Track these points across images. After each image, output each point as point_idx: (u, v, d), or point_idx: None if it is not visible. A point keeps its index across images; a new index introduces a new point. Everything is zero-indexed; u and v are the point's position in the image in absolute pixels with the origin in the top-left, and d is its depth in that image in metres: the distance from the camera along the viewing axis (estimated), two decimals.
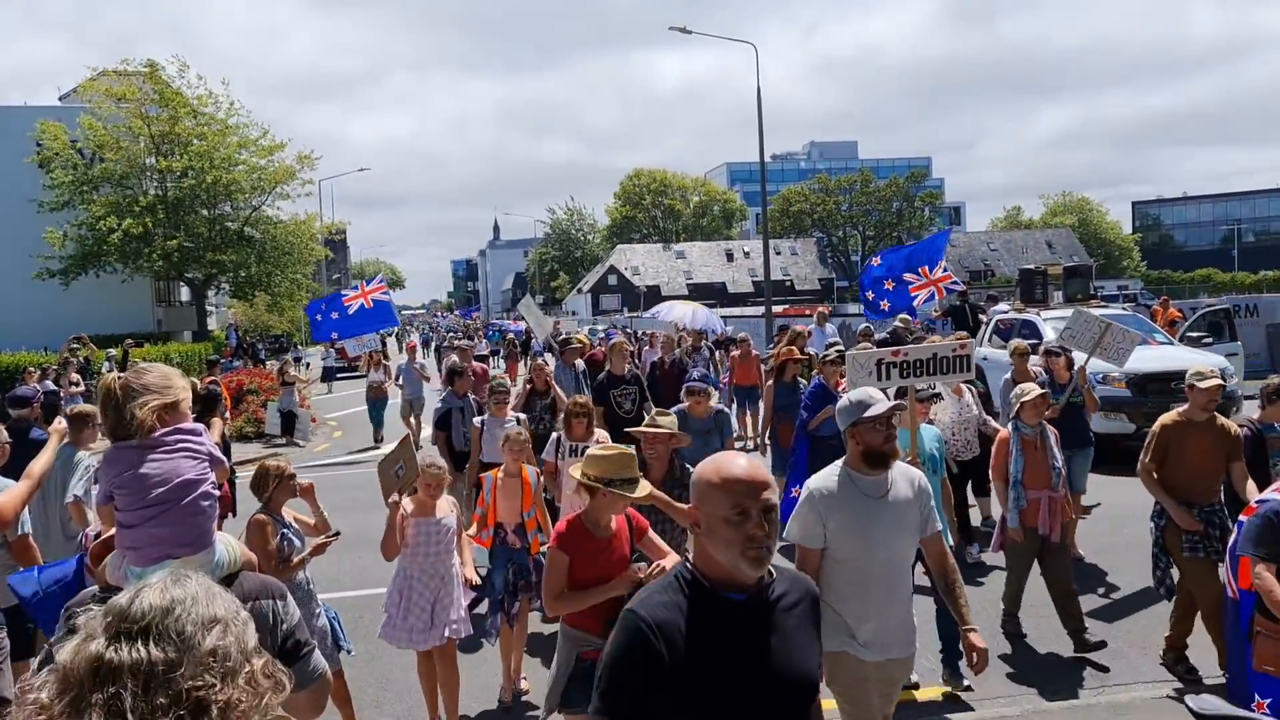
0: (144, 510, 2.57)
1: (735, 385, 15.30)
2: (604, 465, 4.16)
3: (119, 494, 2.63)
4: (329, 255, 48.33)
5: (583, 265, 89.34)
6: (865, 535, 3.71)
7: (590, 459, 4.22)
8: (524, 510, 6.09)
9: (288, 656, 2.56)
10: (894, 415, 3.82)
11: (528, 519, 6.09)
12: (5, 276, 33.31)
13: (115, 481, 2.66)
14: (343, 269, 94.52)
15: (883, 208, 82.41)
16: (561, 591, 4.15)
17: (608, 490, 4.14)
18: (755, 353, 15.35)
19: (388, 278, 21.76)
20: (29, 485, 4.57)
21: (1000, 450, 6.71)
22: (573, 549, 4.15)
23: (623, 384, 9.58)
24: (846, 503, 3.74)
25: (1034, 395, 6.63)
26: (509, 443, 6.11)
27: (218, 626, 1.42)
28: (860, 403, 3.86)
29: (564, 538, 4.17)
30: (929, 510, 3.90)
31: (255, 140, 34.51)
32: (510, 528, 6.08)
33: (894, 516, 3.77)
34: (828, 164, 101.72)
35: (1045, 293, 16.29)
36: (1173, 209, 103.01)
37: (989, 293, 18.64)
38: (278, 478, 5.07)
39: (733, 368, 15.58)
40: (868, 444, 3.77)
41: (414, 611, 5.35)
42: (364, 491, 12.58)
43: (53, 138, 31.64)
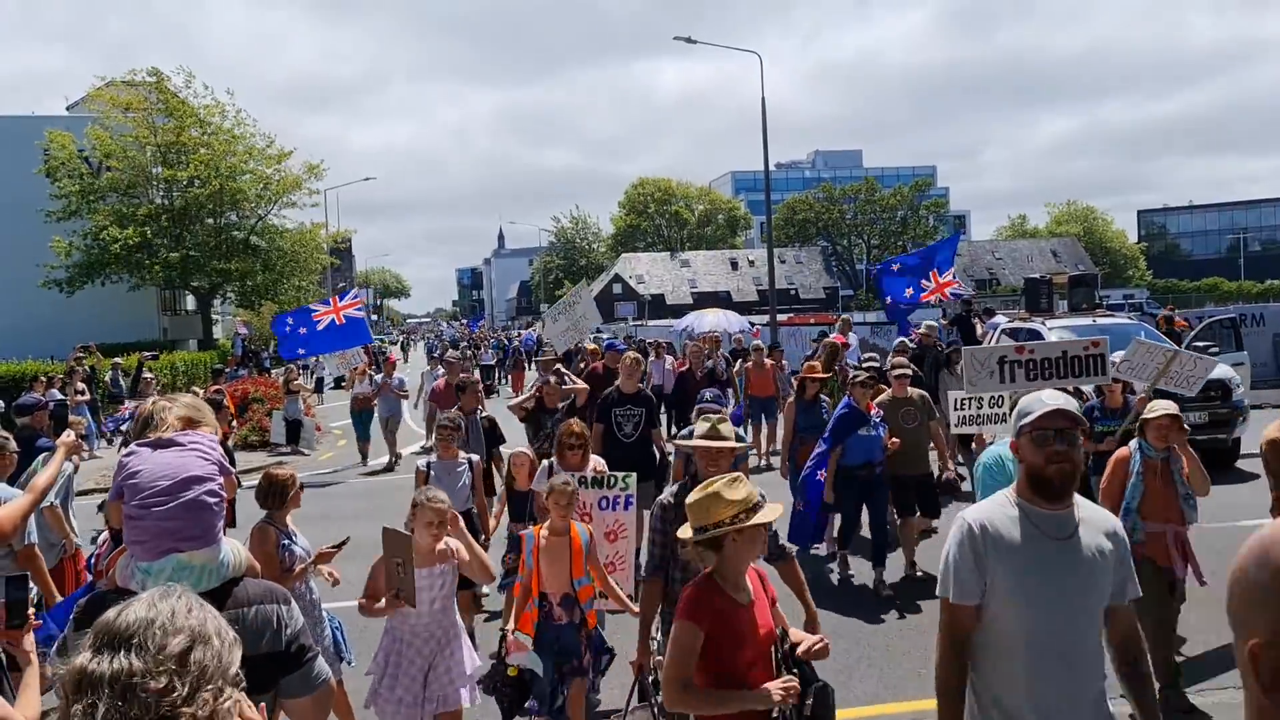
0: (151, 501, 2.59)
1: (751, 396, 14.75)
2: (716, 503, 3.23)
3: (128, 487, 2.65)
4: (335, 264, 48.44)
5: (587, 274, 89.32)
6: (1044, 590, 2.78)
7: (695, 506, 3.29)
8: (574, 577, 5.08)
9: (292, 661, 2.57)
10: (1071, 427, 2.82)
11: (579, 587, 5.09)
12: (13, 285, 33.45)
13: (125, 475, 2.68)
14: (348, 277, 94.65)
15: (887, 216, 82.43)
16: (689, 681, 3.15)
17: (737, 527, 3.18)
18: (770, 362, 14.91)
19: (393, 287, 21.54)
20: (31, 499, 4.59)
21: (1117, 471, 5.75)
22: (710, 620, 3.16)
23: (628, 404, 8.60)
24: (1019, 544, 2.81)
25: (1161, 414, 5.63)
26: (555, 495, 5.14)
27: (199, 641, 1.42)
28: (1022, 410, 2.96)
29: (696, 603, 3.20)
30: (1127, 568, 2.92)
31: (262, 150, 34.65)
32: (556, 599, 5.08)
33: (1085, 569, 2.82)
34: (832, 173, 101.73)
35: (1050, 302, 16.26)
36: (1178, 218, 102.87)
37: (985, 305, 18.62)
38: (282, 488, 5.08)
39: (747, 377, 15.01)
40: (1028, 464, 2.86)
41: (403, 681, 4.51)
42: (368, 500, 12.61)
43: (60, 147, 31.80)
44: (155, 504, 2.59)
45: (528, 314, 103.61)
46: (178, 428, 2.88)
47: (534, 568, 5.08)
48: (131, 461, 2.71)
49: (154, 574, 2.54)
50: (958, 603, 2.86)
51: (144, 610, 1.43)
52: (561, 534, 5.14)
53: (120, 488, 2.69)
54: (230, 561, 2.65)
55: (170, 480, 2.61)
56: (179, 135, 32.62)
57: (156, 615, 1.42)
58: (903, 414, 8.42)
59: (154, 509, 2.58)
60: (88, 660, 1.36)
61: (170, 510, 2.58)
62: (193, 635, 1.42)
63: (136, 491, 2.62)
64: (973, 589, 2.84)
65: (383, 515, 6.38)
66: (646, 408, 8.66)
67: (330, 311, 15.03)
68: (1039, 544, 2.82)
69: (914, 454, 8.39)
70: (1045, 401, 2.89)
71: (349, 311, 15.02)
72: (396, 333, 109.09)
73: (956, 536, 2.90)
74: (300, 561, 4.97)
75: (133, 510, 2.62)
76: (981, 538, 2.85)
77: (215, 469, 2.72)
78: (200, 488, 2.64)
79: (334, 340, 15.27)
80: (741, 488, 3.28)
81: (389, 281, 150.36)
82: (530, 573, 5.08)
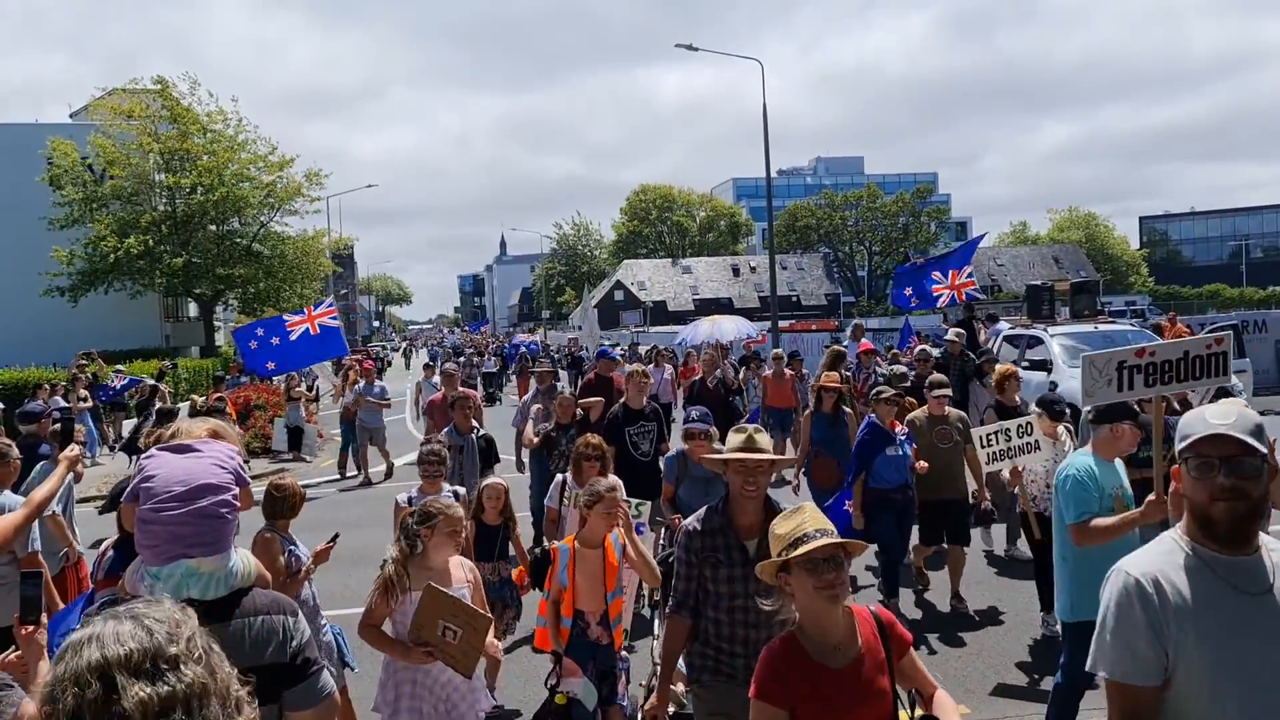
0: (163, 506, 2.59)
1: (768, 407, 14.12)
2: (770, 542, 2.81)
3: (143, 490, 2.65)
4: (337, 270, 48.50)
5: (589, 280, 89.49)
6: (1248, 663, 2.15)
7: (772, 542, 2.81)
8: (608, 591, 4.73)
9: (297, 673, 2.57)
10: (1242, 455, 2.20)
11: (611, 602, 4.73)
12: (16, 293, 33.51)
13: (142, 478, 2.69)
14: (350, 284, 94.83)
15: (889, 223, 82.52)
16: None
17: (785, 559, 2.71)
18: (790, 372, 14.27)
19: (395, 293, 21.30)
20: (27, 512, 4.58)
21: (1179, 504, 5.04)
22: (793, 696, 2.65)
23: (640, 420, 8.13)
24: (1206, 604, 2.20)
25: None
26: (601, 503, 4.71)
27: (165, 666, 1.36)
28: (1182, 430, 2.33)
29: (772, 675, 2.68)
30: None
31: (264, 156, 34.73)
32: (594, 617, 4.69)
33: None
34: (834, 179, 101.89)
35: (1052, 308, 16.26)
36: (1180, 224, 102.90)
37: (989, 311, 18.65)
38: (293, 499, 5.12)
39: (765, 387, 14.40)
40: (1191, 500, 2.29)
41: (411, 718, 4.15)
42: (368, 506, 12.60)
43: (63, 155, 31.88)
44: (167, 509, 2.59)
45: (529, 320, 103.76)
46: (200, 435, 2.88)
47: (570, 584, 4.66)
48: (150, 465, 2.72)
49: (163, 579, 2.55)
50: (1135, 684, 2.22)
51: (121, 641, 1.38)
52: (596, 546, 4.74)
53: (136, 490, 2.70)
54: (239, 571, 2.65)
55: (184, 487, 2.61)
56: (183, 142, 32.71)
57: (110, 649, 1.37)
58: (938, 433, 7.70)
59: (165, 514, 2.58)
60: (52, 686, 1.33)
61: (181, 516, 2.58)
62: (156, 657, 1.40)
63: (150, 495, 2.62)
64: (1153, 665, 2.21)
65: (380, 521, 6.37)
66: (658, 422, 8.24)
67: (304, 321, 14.14)
68: (1230, 602, 2.20)
69: (948, 477, 7.67)
70: (1209, 421, 2.26)
71: (324, 321, 14.11)
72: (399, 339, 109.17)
73: (1120, 595, 2.27)
74: (302, 565, 5.00)
75: (145, 514, 2.62)
76: (1157, 596, 2.22)
77: (231, 478, 2.72)
78: (214, 496, 2.64)
79: (308, 352, 14.36)
80: (793, 517, 2.82)
81: (391, 288, 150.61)
82: (561, 589, 4.67)
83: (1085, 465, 4.80)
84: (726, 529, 3.78)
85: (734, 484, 3.78)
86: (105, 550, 4.94)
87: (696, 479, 6.27)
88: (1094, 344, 13.71)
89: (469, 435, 7.96)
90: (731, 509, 3.82)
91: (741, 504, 3.78)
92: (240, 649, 2.50)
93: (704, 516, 3.87)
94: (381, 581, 4.16)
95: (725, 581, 3.74)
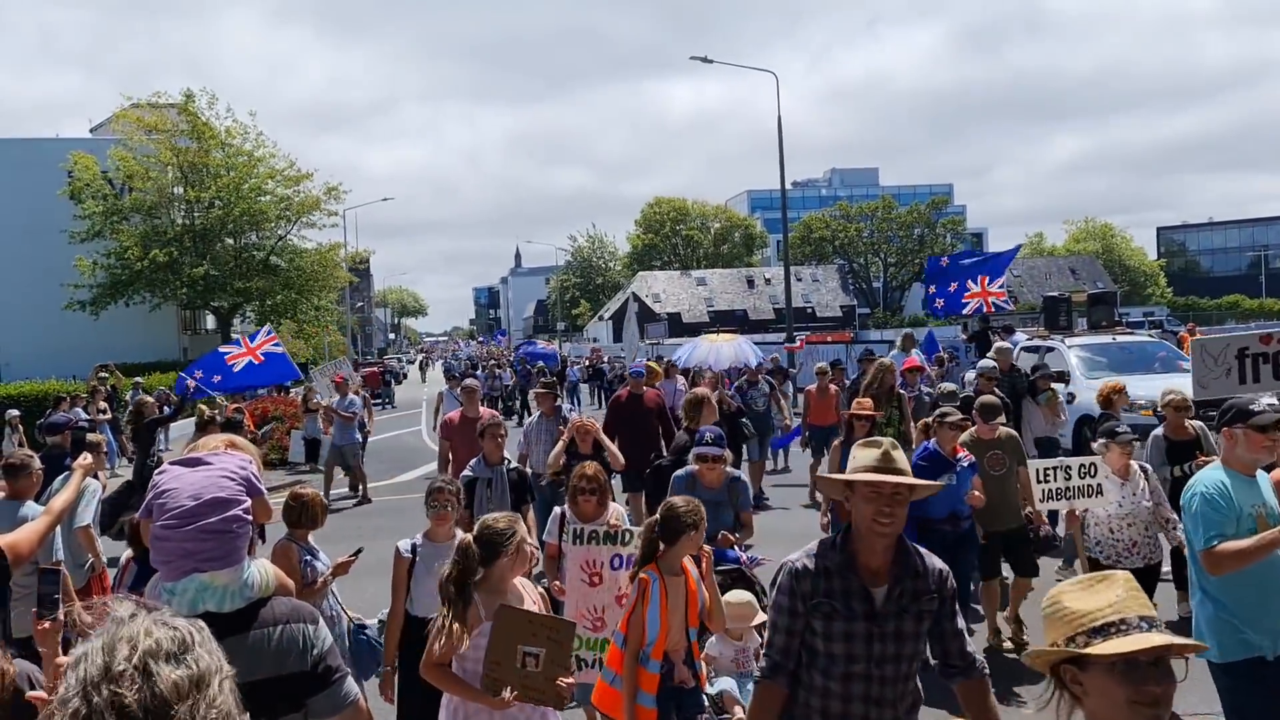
0: (175, 521, 2.60)
1: (811, 425, 13.30)
2: (1055, 622, 2.07)
3: (156, 506, 2.66)
4: (353, 282, 48.78)
5: (604, 292, 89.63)
6: None
7: (1050, 616, 2.11)
8: (690, 625, 4.28)
9: (319, 681, 2.58)
10: None
11: (695, 638, 4.34)
12: (37, 306, 33.82)
13: (155, 493, 2.70)
14: (366, 296, 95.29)
15: (904, 234, 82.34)
16: None
17: (1135, 667, 1.95)
18: (835, 388, 13.48)
19: (411, 306, 21.24)
20: (48, 521, 4.61)
21: None
22: None
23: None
24: None
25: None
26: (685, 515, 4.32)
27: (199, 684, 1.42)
28: None
29: None
30: None
31: (282, 171, 35.00)
32: (678, 656, 4.28)
33: None
34: (849, 191, 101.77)
35: (1070, 320, 16.19)
36: (1198, 235, 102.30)
37: (1004, 322, 18.54)
38: (314, 510, 5.17)
39: (808, 403, 13.58)
40: None
41: None
42: (387, 518, 12.64)
43: (84, 168, 32.22)
44: (178, 525, 2.59)
45: (545, 332, 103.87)
46: (218, 448, 2.90)
47: (661, 622, 4.11)
48: (163, 480, 2.73)
49: (178, 594, 2.56)
50: None
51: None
52: (679, 573, 4.23)
53: (150, 506, 2.71)
54: (256, 582, 2.65)
55: (195, 502, 2.62)
56: (203, 157, 33.01)
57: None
58: (989, 459, 7.05)
59: (176, 530, 2.59)
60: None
61: (191, 532, 2.58)
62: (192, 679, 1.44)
63: (163, 511, 2.63)
64: None
65: (399, 532, 6.24)
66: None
67: (244, 354, 13.64)
68: None
69: (1002, 506, 7.00)
70: None
71: (266, 349, 13.66)
72: (414, 352, 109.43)
73: None
74: (320, 575, 5.03)
75: (158, 530, 2.63)
76: None
77: (242, 489, 2.72)
78: (223, 510, 2.64)
79: (256, 376, 13.95)
80: (1099, 590, 2.06)
81: (406, 301, 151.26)
82: (649, 631, 4.11)
83: (1215, 481, 4.04)
84: (847, 570, 2.97)
85: (861, 515, 2.96)
86: (127, 564, 4.98)
87: (705, 504, 5.72)
88: (1112, 356, 13.67)
89: (498, 466, 7.01)
90: (855, 545, 3.00)
91: (870, 541, 2.95)
92: (262, 659, 2.52)
93: (817, 552, 3.08)
94: (446, 617, 3.66)
95: (841, 639, 2.96)
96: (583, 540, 5.17)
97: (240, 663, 2.41)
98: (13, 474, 5.67)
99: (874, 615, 2.92)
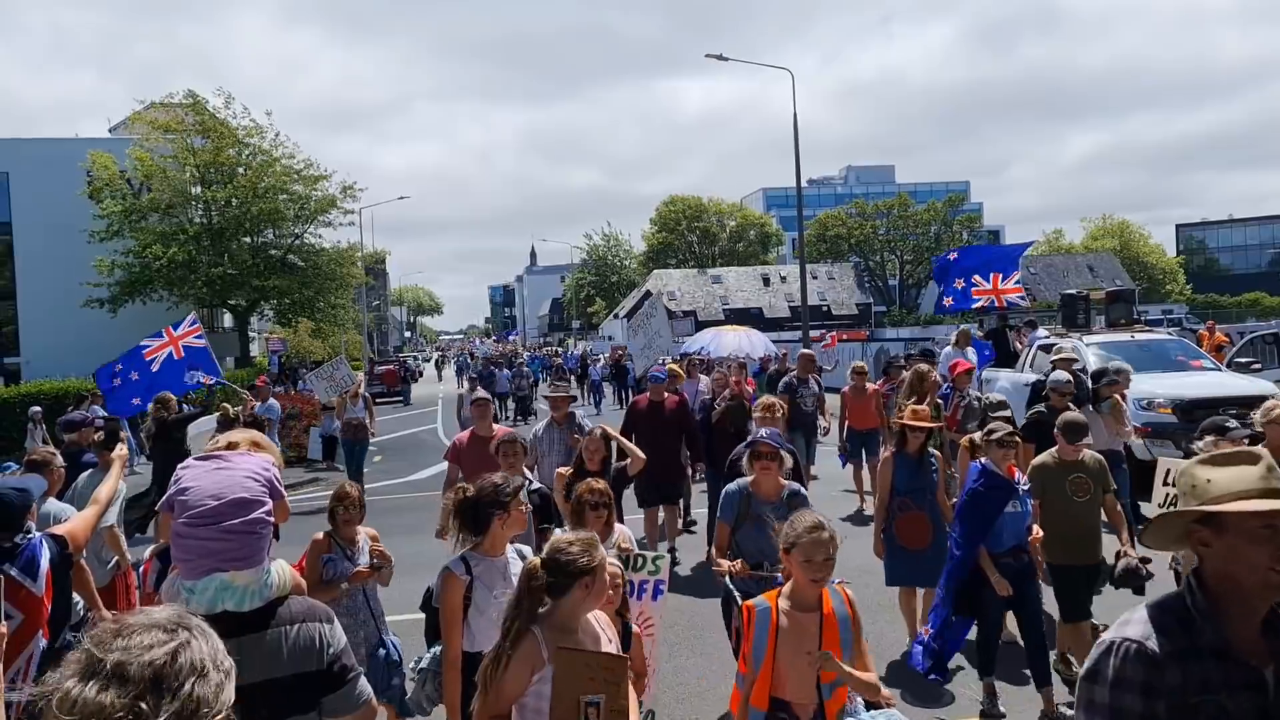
0: (198, 520, 2.60)
1: (851, 430, 12.43)
2: None
3: (178, 503, 2.66)
4: (369, 282, 48.95)
5: (619, 291, 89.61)
6: None
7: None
8: (825, 679, 3.47)
9: (334, 681, 2.59)
10: None
11: (831, 694, 3.48)
12: (57, 305, 34.14)
13: (177, 489, 2.70)
14: (382, 295, 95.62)
15: (921, 232, 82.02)
16: None
17: None
18: (873, 387, 12.76)
19: (426, 304, 20.93)
20: (97, 510, 4.69)
21: None
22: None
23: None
24: None
25: None
26: (800, 548, 3.51)
27: (197, 674, 1.45)
28: None
29: None
30: None
31: (299, 171, 35.16)
32: (805, 713, 3.50)
33: None
34: (864, 188, 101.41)
35: (1088, 318, 16.08)
36: (1217, 232, 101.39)
37: (1026, 318, 18.36)
38: (338, 506, 5.21)
39: (844, 404, 12.48)
40: None
41: None
42: (415, 515, 12.65)
43: (102, 168, 32.47)
44: (201, 524, 2.59)
45: (560, 330, 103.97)
46: (242, 448, 2.90)
47: (767, 660, 3.42)
48: (185, 476, 2.73)
49: (198, 593, 2.56)
50: None
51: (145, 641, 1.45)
52: (812, 608, 3.49)
53: (171, 501, 2.71)
54: (275, 582, 2.65)
55: (218, 501, 2.62)
56: (216, 156, 33.21)
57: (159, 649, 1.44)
58: (1072, 483, 6.20)
59: (199, 529, 2.59)
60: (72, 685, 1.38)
61: (214, 531, 2.58)
62: (193, 668, 1.45)
63: (185, 509, 2.63)
64: None
65: (422, 529, 6.23)
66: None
67: (165, 345, 12.88)
68: None
69: (1090, 538, 6.22)
70: None
71: (187, 341, 12.85)
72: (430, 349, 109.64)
73: None
74: (341, 576, 5.04)
75: (180, 528, 2.63)
76: None
77: (265, 490, 2.72)
78: (247, 511, 2.64)
79: (175, 379, 12.84)
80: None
81: (422, 299, 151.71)
82: (762, 666, 3.44)
83: None
84: (1224, 649, 2.04)
85: (1244, 562, 2.02)
86: (150, 561, 5.03)
87: (759, 519, 5.06)
88: (1130, 354, 13.55)
89: None
90: (1227, 609, 2.06)
91: (1255, 601, 2.05)
92: (278, 657, 2.52)
93: (1161, 624, 2.09)
94: (503, 657, 3.12)
95: None
96: None
97: (258, 661, 2.44)
98: (35, 471, 5.72)
99: (1267, 711, 2.03)
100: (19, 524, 4.18)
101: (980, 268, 15.75)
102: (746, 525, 5.22)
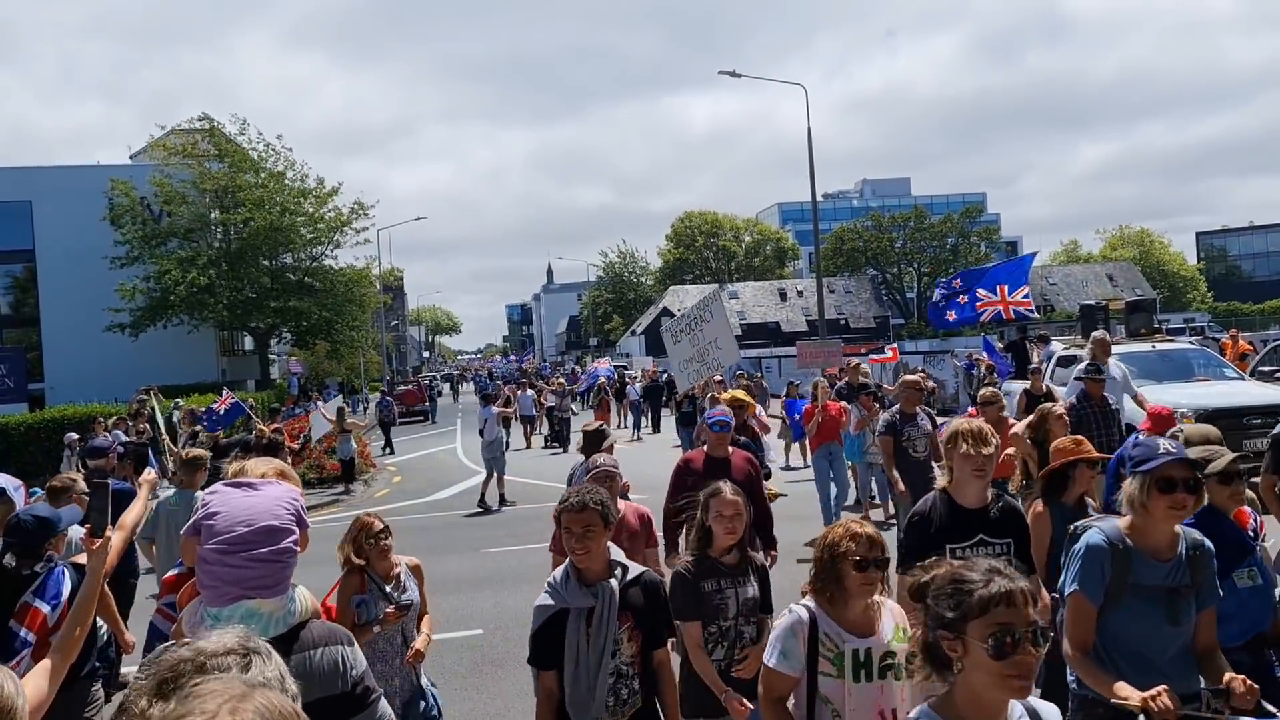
0: (226, 547, 2.59)
1: None
2: None
3: (205, 528, 2.65)
4: (388, 302, 49.26)
5: (635, 307, 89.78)
6: None
7: None
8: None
9: (356, 703, 2.60)
10: None
11: None
12: (79, 330, 34.53)
13: (205, 514, 2.69)
14: (400, 315, 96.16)
15: (938, 244, 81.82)
16: None
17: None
18: None
19: (444, 324, 21.45)
20: (122, 536, 4.67)
21: None
22: None
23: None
24: None
25: None
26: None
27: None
28: None
29: None
30: None
31: (312, 191, 35.52)
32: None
33: None
34: (880, 201, 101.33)
35: (1108, 328, 15.99)
36: (1239, 239, 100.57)
37: (1039, 332, 18.21)
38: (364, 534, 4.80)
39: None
40: None
41: None
42: (434, 534, 12.69)
43: (123, 194, 32.90)
44: (230, 551, 2.59)
45: (577, 349, 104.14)
46: (267, 475, 2.92)
47: None
48: (213, 501, 2.72)
49: (223, 620, 2.54)
50: None
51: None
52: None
53: (198, 525, 2.70)
54: (298, 609, 2.66)
55: (247, 528, 2.62)
56: (233, 180, 33.63)
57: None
58: None
59: (228, 556, 2.59)
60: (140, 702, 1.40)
61: (244, 559, 2.58)
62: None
63: (212, 534, 2.62)
64: None
65: (443, 548, 6.28)
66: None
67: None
68: None
69: None
70: None
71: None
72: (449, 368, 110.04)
73: None
74: (380, 617, 4.67)
75: (207, 554, 2.62)
76: None
77: (293, 519, 2.72)
78: (277, 540, 2.64)
79: None
80: None
81: (440, 319, 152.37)
82: None
83: None
84: None
85: None
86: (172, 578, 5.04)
87: None
88: (1151, 365, 13.44)
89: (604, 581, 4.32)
90: None
91: None
92: (307, 682, 2.52)
93: None
94: None
95: None
96: None
97: None
98: (55, 497, 5.75)
99: None
100: (38, 552, 4.20)
101: (983, 282, 15.69)
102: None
